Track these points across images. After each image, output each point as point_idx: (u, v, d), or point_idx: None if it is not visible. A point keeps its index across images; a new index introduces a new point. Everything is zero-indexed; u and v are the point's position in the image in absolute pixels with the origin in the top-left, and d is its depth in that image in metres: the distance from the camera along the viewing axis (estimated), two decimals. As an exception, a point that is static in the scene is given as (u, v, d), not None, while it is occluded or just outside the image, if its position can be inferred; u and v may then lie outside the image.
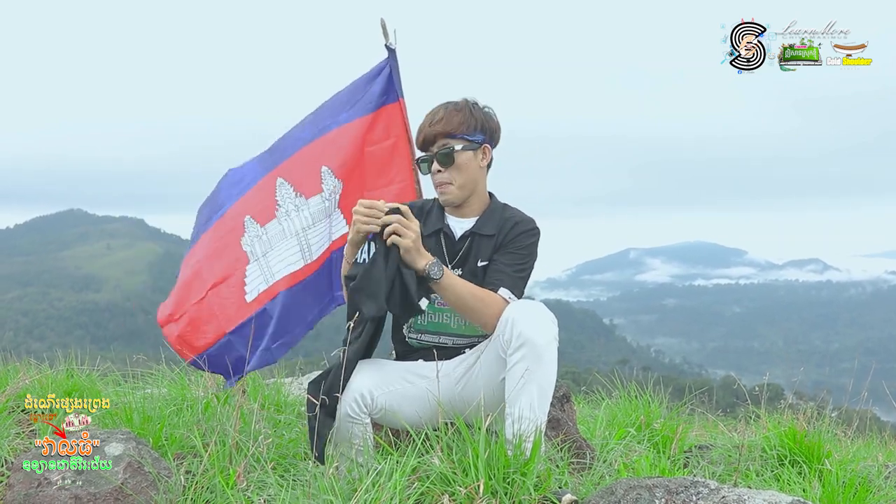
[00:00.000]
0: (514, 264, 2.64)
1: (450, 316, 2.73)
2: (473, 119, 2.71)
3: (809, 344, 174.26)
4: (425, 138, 2.73)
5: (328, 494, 2.11)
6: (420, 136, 2.75)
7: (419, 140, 2.76)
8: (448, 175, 2.69)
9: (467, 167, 2.70)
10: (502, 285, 2.58)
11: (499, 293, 2.56)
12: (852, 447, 3.51)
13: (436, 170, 2.71)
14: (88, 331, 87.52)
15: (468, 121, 2.69)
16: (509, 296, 2.55)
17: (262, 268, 3.35)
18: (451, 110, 2.70)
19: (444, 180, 2.71)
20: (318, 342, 12.36)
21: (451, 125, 2.68)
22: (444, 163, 2.68)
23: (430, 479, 2.18)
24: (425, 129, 2.73)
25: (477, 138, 2.71)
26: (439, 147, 2.69)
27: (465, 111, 2.71)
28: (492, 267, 2.65)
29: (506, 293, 2.56)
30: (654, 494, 2.11)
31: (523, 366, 2.34)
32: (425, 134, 2.72)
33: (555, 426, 2.95)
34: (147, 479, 2.38)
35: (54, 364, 4.10)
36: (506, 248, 2.67)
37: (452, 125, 2.68)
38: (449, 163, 2.68)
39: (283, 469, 2.63)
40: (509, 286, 2.58)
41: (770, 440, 3.23)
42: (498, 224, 2.72)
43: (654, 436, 3.49)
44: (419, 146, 2.78)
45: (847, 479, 2.74)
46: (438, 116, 2.70)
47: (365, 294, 2.46)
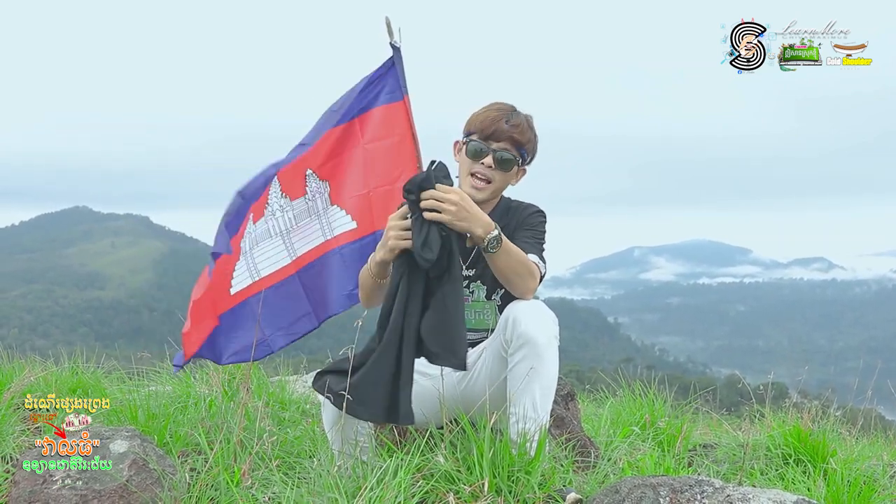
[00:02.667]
0: (532, 237, 2.66)
1: None
2: (534, 141, 2.73)
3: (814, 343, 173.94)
4: (495, 132, 2.65)
5: (333, 492, 2.11)
6: (490, 125, 2.66)
7: (487, 127, 2.66)
8: (492, 174, 2.67)
9: (510, 179, 2.73)
10: (530, 251, 2.56)
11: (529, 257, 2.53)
12: (857, 446, 3.50)
13: (487, 164, 2.66)
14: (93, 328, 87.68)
15: (532, 141, 2.72)
16: (536, 261, 2.54)
17: (248, 263, 3.39)
18: (527, 124, 2.70)
19: (487, 176, 2.66)
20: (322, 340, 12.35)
21: (524, 137, 2.68)
22: (501, 166, 2.66)
23: (434, 478, 2.18)
24: (500, 124, 2.65)
25: (528, 160, 2.75)
26: (502, 149, 2.65)
27: (533, 131, 2.73)
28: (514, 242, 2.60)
29: (534, 258, 2.55)
30: (659, 493, 2.11)
31: (525, 365, 2.34)
32: (498, 128, 2.65)
33: (559, 425, 2.95)
34: (152, 476, 2.38)
35: (59, 361, 4.12)
36: (519, 229, 2.69)
37: (525, 138, 2.68)
38: (505, 168, 2.66)
39: (288, 467, 2.63)
40: (536, 253, 2.59)
41: (775, 439, 3.22)
42: (505, 215, 2.74)
43: (658, 434, 3.49)
44: (482, 133, 2.67)
45: (852, 478, 2.74)
46: (518, 121, 2.67)
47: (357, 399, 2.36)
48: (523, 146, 2.69)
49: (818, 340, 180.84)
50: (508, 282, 2.48)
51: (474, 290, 2.74)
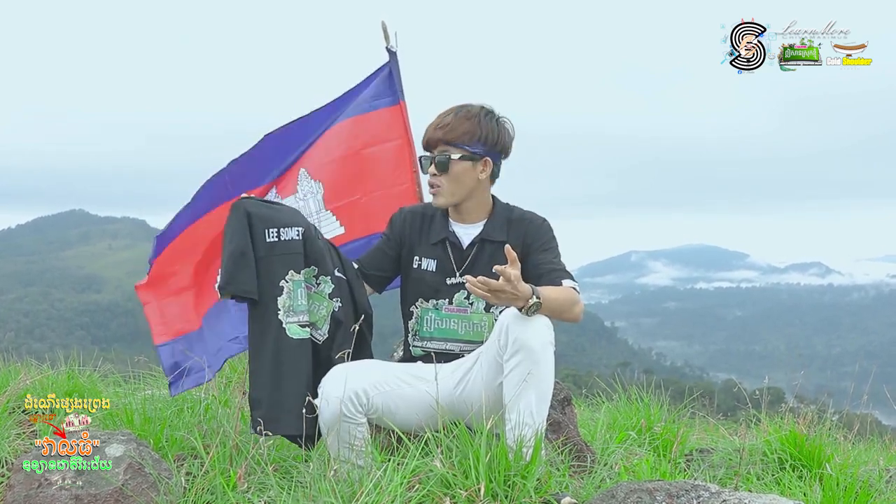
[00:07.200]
0: (554, 258, 2.67)
1: (457, 322, 2.74)
2: (479, 130, 2.68)
3: (811, 347, 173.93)
4: (429, 140, 2.74)
5: (329, 497, 2.11)
6: (425, 137, 2.76)
7: (424, 139, 2.77)
8: (441, 180, 2.71)
9: (462, 177, 2.70)
10: (563, 278, 2.57)
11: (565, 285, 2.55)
12: (853, 451, 3.50)
13: (431, 173, 2.73)
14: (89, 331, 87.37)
15: (473, 131, 2.68)
16: (573, 284, 2.56)
17: None
18: (461, 117, 2.70)
19: (437, 184, 2.73)
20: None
21: (453, 133, 2.68)
22: (440, 169, 2.70)
23: (430, 482, 2.18)
24: (430, 132, 2.74)
25: (477, 150, 2.69)
26: (438, 152, 2.70)
27: (474, 121, 2.69)
28: (540, 270, 2.63)
29: (569, 283, 2.56)
30: (655, 498, 2.11)
31: (520, 371, 2.34)
32: (430, 136, 2.73)
33: (556, 429, 2.94)
34: (147, 480, 2.38)
35: (55, 364, 4.10)
36: (537, 248, 2.69)
37: (455, 133, 2.68)
38: (444, 170, 2.69)
39: (284, 471, 2.63)
40: (568, 276, 2.60)
41: (771, 444, 3.22)
42: (506, 227, 2.74)
43: (654, 439, 3.49)
44: (423, 145, 2.78)
45: (848, 483, 2.74)
46: (445, 121, 2.70)
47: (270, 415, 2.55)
48: (458, 141, 2.67)
49: (815, 345, 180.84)
50: (556, 318, 2.47)
51: (473, 301, 2.73)
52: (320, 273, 2.66)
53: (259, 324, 2.59)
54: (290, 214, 2.67)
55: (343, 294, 2.69)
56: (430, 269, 2.77)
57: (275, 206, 2.71)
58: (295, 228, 2.61)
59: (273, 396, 2.54)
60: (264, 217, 2.59)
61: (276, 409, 2.53)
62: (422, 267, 2.79)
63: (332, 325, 2.66)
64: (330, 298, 2.67)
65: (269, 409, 2.53)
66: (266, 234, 2.58)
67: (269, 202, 2.74)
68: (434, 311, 2.75)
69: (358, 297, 2.72)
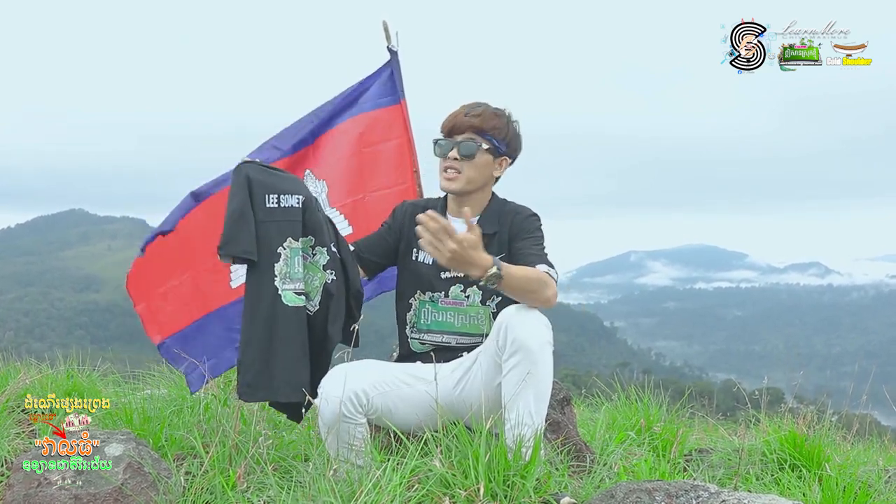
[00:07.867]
0: (535, 245, 2.66)
1: (454, 314, 2.74)
2: (507, 130, 2.74)
3: (811, 348, 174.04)
4: (455, 125, 2.72)
5: (328, 496, 2.11)
6: (450, 121, 2.74)
7: (447, 124, 2.74)
8: (462, 165, 2.70)
9: (483, 168, 2.72)
10: (538, 263, 2.55)
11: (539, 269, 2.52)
12: (852, 451, 3.50)
13: (452, 157, 2.70)
14: (89, 331, 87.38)
15: (502, 128, 2.72)
16: (547, 269, 2.52)
17: None
18: (492, 113, 2.72)
19: (456, 168, 2.70)
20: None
21: (486, 124, 2.69)
22: (465, 155, 2.69)
23: (430, 482, 2.18)
24: (459, 117, 2.72)
25: (502, 147, 2.74)
26: (465, 138, 2.70)
27: (503, 119, 2.74)
28: (517, 255, 2.63)
29: (544, 268, 2.52)
30: (654, 498, 2.11)
31: (519, 371, 2.34)
32: (457, 121, 2.72)
33: (555, 429, 2.95)
34: (147, 479, 2.38)
35: (55, 364, 4.10)
36: (519, 237, 2.69)
37: (488, 125, 2.70)
38: (469, 156, 2.69)
39: (284, 471, 2.63)
40: (544, 261, 2.57)
41: (770, 444, 3.22)
42: (497, 220, 2.75)
43: (654, 439, 3.49)
44: (445, 130, 2.75)
45: (847, 483, 2.74)
46: (478, 111, 2.71)
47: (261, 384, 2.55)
48: (487, 132, 2.69)
49: (815, 345, 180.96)
50: (523, 300, 2.45)
51: (469, 294, 2.74)
52: (317, 244, 2.65)
53: (255, 288, 2.57)
54: (291, 182, 2.66)
55: (336, 268, 2.67)
56: (427, 261, 2.78)
57: (276, 172, 2.68)
58: (295, 196, 2.60)
59: (264, 361, 2.52)
60: (265, 183, 2.58)
61: (266, 376, 2.52)
62: (419, 259, 2.81)
63: (324, 296, 2.64)
64: (324, 270, 2.65)
65: (259, 375, 2.52)
66: (266, 199, 2.57)
67: (271, 168, 2.71)
68: (431, 303, 2.77)
69: (351, 274, 2.70)
